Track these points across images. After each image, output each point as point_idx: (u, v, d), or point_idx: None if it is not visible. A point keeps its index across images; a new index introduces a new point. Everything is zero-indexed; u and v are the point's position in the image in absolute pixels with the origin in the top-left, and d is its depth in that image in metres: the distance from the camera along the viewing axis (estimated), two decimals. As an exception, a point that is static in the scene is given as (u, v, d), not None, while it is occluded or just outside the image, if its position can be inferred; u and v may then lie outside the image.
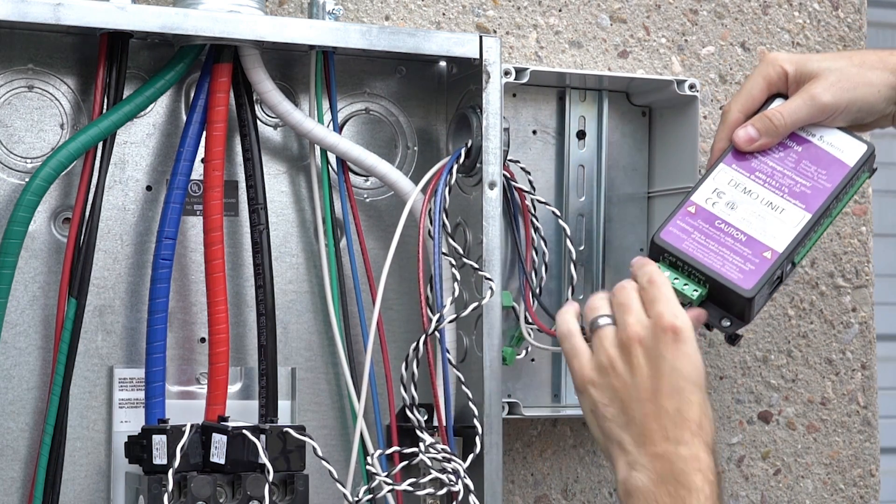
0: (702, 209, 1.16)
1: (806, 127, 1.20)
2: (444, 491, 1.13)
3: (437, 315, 1.15)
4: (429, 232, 1.18)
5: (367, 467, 1.16)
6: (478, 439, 1.17)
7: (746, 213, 1.16)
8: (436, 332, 1.15)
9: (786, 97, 1.21)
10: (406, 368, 1.16)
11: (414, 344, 1.15)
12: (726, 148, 1.20)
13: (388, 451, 1.17)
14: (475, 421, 1.17)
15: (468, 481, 1.13)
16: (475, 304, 1.16)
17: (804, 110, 1.19)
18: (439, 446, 1.15)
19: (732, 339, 1.15)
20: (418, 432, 1.16)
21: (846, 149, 1.19)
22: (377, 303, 1.18)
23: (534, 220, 1.27)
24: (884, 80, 1.20)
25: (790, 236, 1.15)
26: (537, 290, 1.26)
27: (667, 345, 1.06)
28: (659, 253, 1.14)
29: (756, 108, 1.21)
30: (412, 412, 1.16)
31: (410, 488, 1.13)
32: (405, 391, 1.16)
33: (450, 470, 1.14)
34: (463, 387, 1.18)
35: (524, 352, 1.27)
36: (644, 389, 1.06)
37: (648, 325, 1.07)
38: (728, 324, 1.14)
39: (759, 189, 1.17)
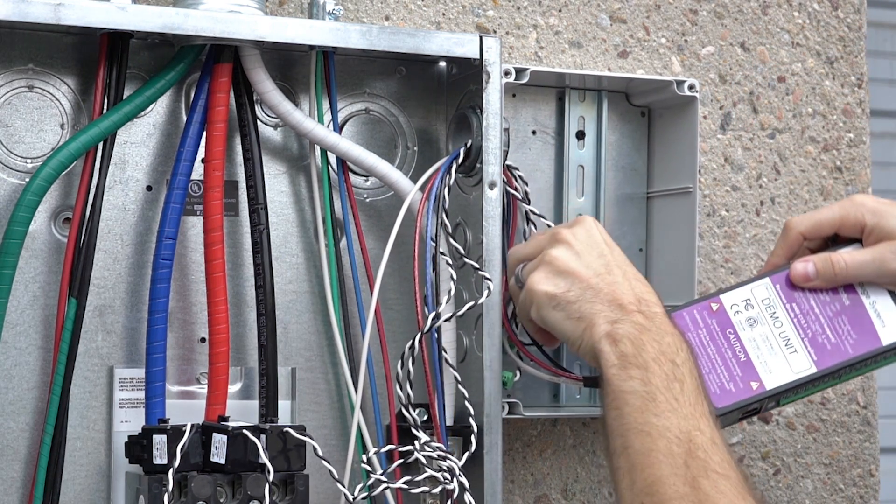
0: (724, 311, 1.15)
1: (864, 283, 1.16)
2: (439, 489, 1.13)
3: (433, 314, 1.15)
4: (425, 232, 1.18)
5: (363, 465, 1.16)
6: (473, 437, 1.17)
7: (760, 336, 1.15)
8: (432, 332, 1.16)
9: (860, 241, 1.17)
10: (402, 367, 1.16)
11: (409, 342, 1.15)
12: (781, 266, 1.18)
13: (385, 449, 1.17)
14: (471, 420, 1.17)
15: (463, 479, 1.13)
16: (471, 304, 1.16)
17: (870, 268, 1.15)
18: (434, 444, 1.15)
19: None
20: (414, 430, 1.16)
21: (890, 324, 1.15)
22: (373, 300, 1.18)
23: (527, 228, 1.27)
24: None
25: (785, 380, 1.14)
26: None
27: (597, 226, 1.15)
28: None
29: (820, 237, 1.18)
30: (408, 411, 1.16)
31: (405, 486, 1.13)
32: (401, 390, 1.16)
33: (445, 468, 1.14)
34: (459, 386, 1.18)
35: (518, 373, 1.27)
36: (594, 261, 1.12)
37: (563, 228, 1.16)
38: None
39: (786, 321, 1.15)
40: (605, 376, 1.07)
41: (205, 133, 1.17)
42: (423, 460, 1.14)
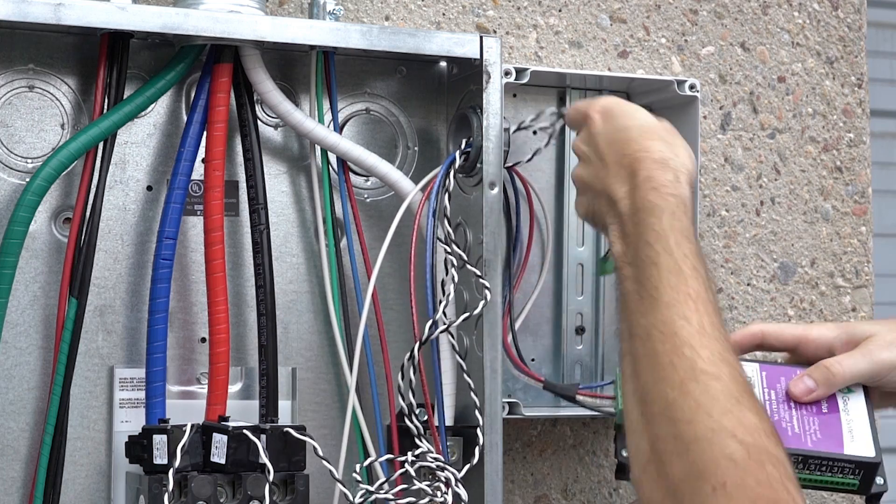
0: None
1: (847, 396, 1.14)
2: (426, 500, 1.13)
3: (430, 322, 1.15)
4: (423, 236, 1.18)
5: (354, 475, 1.15)
6: (477, 450, 1.17)
7: None
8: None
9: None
10: (402, 378, 1.15)
11: (408, 354, 1.15)
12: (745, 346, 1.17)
13: (381, 459, 1.16)
14: (478, 431, 1.17)
15: (460, 490, 1.13)
16: (466, 315, 1.16)
17: (863, 364, 1.14)
18: (432, 455, 1.15)
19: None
20: (416, 440, 1.16)
21: (858, 440, 1.12)
22: (366, 301, 1.18)
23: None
24: None
25: None
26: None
27: (596, 123, 1.11)
28: None
29: (781, 343, 1.18)
30: (410, 420, 1.16)
31: (392, 497, 1.13)
32: (402, 400, 1.16)
33: (442, 479, 1.13)
34: (465, 376, 1.18)
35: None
36: (596, 166, 1.10)
37: (579, 120, 1.14)
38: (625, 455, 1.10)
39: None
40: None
41: (205, 133, 1.17)
42: (413, 474, 1.14)
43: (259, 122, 1.20)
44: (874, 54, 1.77)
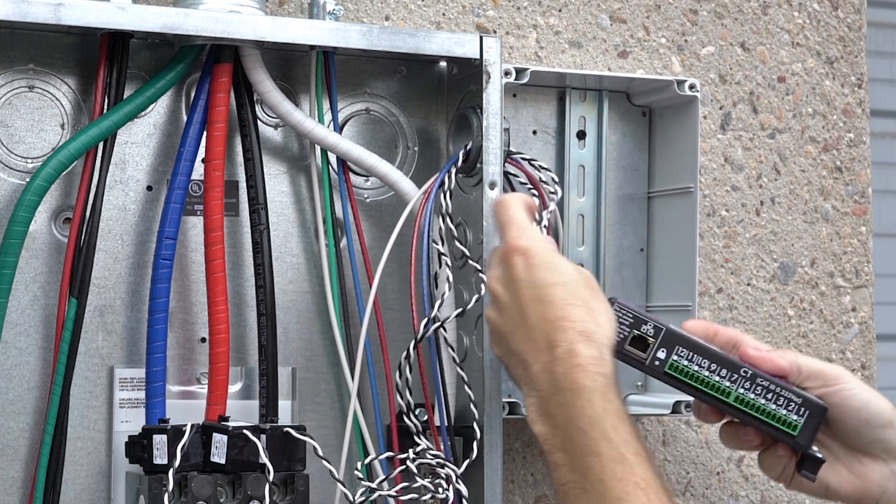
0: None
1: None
2: (428, 496, 1.13)
3: (424, 321, 1.15)
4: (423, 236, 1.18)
5: (355, 472, 1.15)
6: (475, 444, 1.17)
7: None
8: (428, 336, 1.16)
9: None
10: (399, 376, 1.15)
11: (405, 352, 1.15)
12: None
13: (381, 457, 1.16)
14: (475, 425, 1.17)
15: (461, 486, 1.13)
16: (459, 311, 1.16)
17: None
18: (432, 452, 1.15)
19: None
20: (416, 437, 1.16)
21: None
22: (368, 304, 1.18)
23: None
24: None
25: (681, 331, 1.11)
26: None
27: (516, 268, 1.05)
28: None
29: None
30: (409, 418, 1.16)
31: (394, 494, 1.13)
32: (401, 398, 1.16)
33: (443, 476, 1.14)
34: (466, 388, 1.18)
35: None
36: (512, 320, 1.04)
37: (500, 256, 1.07)
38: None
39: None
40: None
41: (205, 133, 1.17)
42: (415, 470, 1.14)
43: (259, 122, 1.20)
44: (874, 54, 1.77)
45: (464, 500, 1.13)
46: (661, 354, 1.09)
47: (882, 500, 1.08)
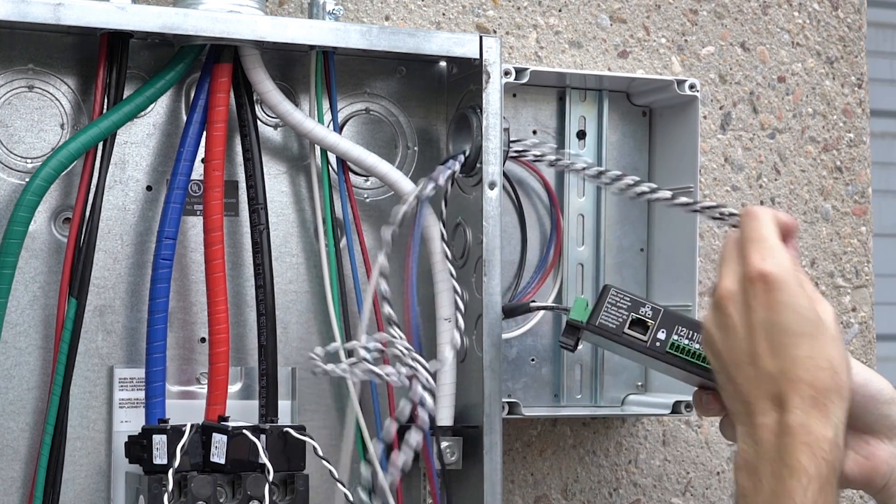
0: None
1: None
2: (391, 373, 1.10)
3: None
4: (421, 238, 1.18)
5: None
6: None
7: None
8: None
9: None
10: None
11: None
12: None
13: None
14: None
15: (431, 384, 1.10)
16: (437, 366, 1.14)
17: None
18: (402, 343, 1.11)
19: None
20: (389, 328, 1.12)
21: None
22: (368, 304, 1.18)
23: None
24: None
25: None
26: None
27: (756, 296, 0.96)
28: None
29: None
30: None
31: (383, 373, 1.09)
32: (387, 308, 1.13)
33: (410, 363, 1.10)
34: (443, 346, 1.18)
35: None
36: (739, 353, 0.97)
37: (739, 275, 0.98)
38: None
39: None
40: None
41: (205, 133, 1.17)
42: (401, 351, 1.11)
43: (259, 122, 1.20)
44: (874, 54, 1.77)
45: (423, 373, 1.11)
46: (662, 335, 1.10)
47: (890, 480, 1.06)
